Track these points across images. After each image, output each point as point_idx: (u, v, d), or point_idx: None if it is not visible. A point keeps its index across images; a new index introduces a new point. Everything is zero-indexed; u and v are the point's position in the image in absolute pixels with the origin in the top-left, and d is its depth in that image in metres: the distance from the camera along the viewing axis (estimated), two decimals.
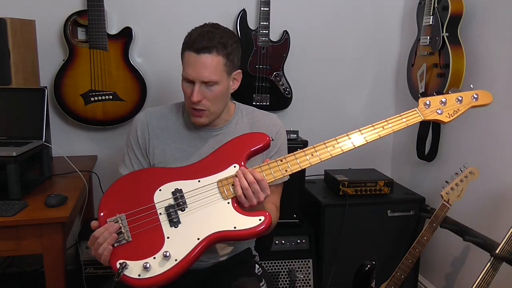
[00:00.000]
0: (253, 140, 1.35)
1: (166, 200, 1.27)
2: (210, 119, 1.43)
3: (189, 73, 1.35)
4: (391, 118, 1.35)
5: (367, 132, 1.33)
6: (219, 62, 1.35)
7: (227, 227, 1.21)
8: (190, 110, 1.42)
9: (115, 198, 1.28)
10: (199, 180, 1.29)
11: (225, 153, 1.33)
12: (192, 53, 1.34)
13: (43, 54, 2.27)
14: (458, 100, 1.38)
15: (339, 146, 1.31)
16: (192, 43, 1.34)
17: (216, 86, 1.37)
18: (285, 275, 2.27)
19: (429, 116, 1.36)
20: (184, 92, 1.40)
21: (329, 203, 2.25)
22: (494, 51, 2.00)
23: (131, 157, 1.50)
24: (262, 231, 1.21)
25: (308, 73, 2.65)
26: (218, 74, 1.36)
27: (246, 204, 1.25)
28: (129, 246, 1.20)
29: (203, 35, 1.34)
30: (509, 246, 1.61)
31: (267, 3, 2.40)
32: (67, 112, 2.31)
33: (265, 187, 1.25)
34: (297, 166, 1.30)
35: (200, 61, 1.33)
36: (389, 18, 2.71)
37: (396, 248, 2.31)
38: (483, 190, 2.04)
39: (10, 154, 1.64)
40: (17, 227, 1.58)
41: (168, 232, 1.22)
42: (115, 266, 1.17)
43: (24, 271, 2.46)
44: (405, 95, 2.53)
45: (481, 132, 2.09)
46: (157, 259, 1.17)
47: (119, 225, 1.21)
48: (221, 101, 1.42)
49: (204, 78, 1.34)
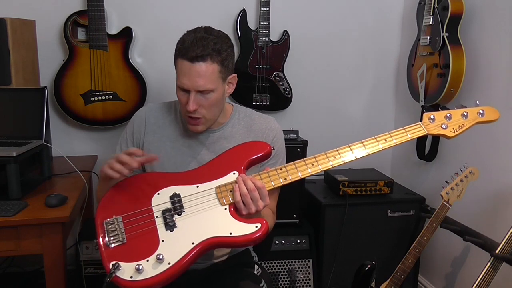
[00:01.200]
0: (254, 148, 1.34)
1: (164, 203, 1.27)
2: (206, 126, 1.43)
3: (184, 83, 1.34)
4: (394, 132, 1.34)
5: (369, 144, 1.32)
6: (214, 70, 1.33)
7: (222, 233, 1.20)
8: (186, 118, 1.42)
9: (113, 200, 1.29)
10: (198, 186, 1.29)
11: (225, 160, 1.33)
12: (186, 62, 1.32)
13: (43, 54, 2.27)
14: (463, 115, 1.35)
15: (340, 157, 1.30)
16: (186, 51, 1.31)
17: (211, 94, 1.35)
18: (285, 275, 2.27)
19: (433, 131, 1.34)
20: (180, 101, 1.40)
21: (329, 203, 2.25)
22: (494, 51, 2.00)
23: (122, 148, 1.50)
24: (258, 238, 1.20)
25: (308, 73, 2.65)
26: (213, 82, 1.34)
27: (244, 211, 1.23)
28: (123, 248, 1.20)
29: (196, 42, 1.31)
30: (509, 246, 1.61)
31: (267, 3, 2.40)
32: (67, 112, 2.31)
33: (265, 195, 1.24)
34: (297, 175, 1.28)
35: (195, 70, 1.31)
36: (389, 18, 2.71)
37: (396, 248, 2.31)
38: (483, 190, 2.04)
39: (10, 154, 1.64)
40: (17, 227, 1.58)
41: (163, 235, 1.21)
42: (108, 267, 1.16)
43: (24, 271, 2.46)
44: (405, 95, 2.53)
45: (481, 132, 2.09)
46: (150, 262, 1.17)
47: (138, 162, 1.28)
48: (216, 107, 1.41)
49: (199, 87, 1.33)
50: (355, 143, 1.31)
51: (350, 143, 1.32)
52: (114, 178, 1.28)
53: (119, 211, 1.25)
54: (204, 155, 1.46)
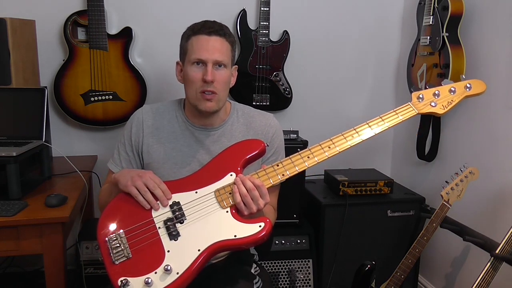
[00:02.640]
0: (249, 147, 1.34)
1: (164, 213, 1.25)
2: (218, 105, 1.43)
3: (202, 54, 1.38)
4: (385, 115, 1.35)
5: (362, 130, 1.33)
6: (228, 47, 1.41)
7: (227, 236, 1.20)
8: (199, 96, 1.40)
9: (113, 216, 1.27)
10: (196, 191, 1.28)
11: (221, 163, 1.32)
12: (203, 36, 1.38)
13: (43, 54, 2.27)
14: (451, 91, 1.38)
15: (335, 146, 1.30)
16: (201, 28, 1.39)
17: (225, 69, 1.41)
18: (285, 275, 2.27)
19: (423, 109, 1.36)
20: (193, 78, 1.39)
21: (329, 203, 2.25)
22: (494, 51, 2.00)
23: (121, 152, 1.50)
24: (263, 237, 1.20)
25: (308, 73, 2.65)
26: (228, 57, 1.41)
27: (246, 211, 1.23)
28: (129, 263, 1.18)
29: (209, 22, 1.41)
30: (509, 246, 1.61)
31: (267, 3, 2.40)
32: (67, 112, 2.31)
33: (265, 193, 1.24)
34: (294, 169, 1.29)
35: (212, 42, 1.38)
36: (389, 18, 2.71)
37: (396, 248, 2.31)
38: (483, 190, 2.04)
39: (10, 154, 1.63)
40: (17, 227, 1.58)
41: (168, 246, 1.20)
42: (117, 285, 1.15)
43: (24, 271, 2.46)
44: (405, 95, 2.53)
45: (481, 132, 2.09)
46: (158, 274, 1.16)
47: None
48: (227, 88, 1.45)
49: (217, 57, 1.38)
50: (348, 131, 1.33)
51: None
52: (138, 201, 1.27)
53: (121, 226, 1.24)
54: (204, 154, 1.45)
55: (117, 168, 1.49)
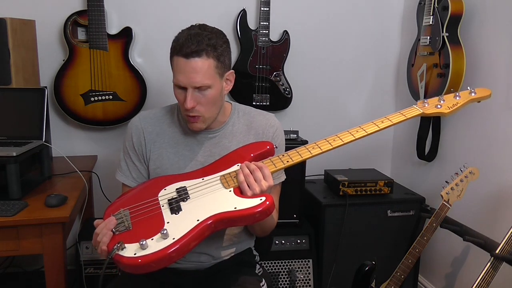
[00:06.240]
0: (258, 146, 1.38)
1: (170, 194, 1.29)
2: (206, 124, 1.41)
3: (180, 80, 1.32)
4: (390, 115, 1.39)
5: (367, 126, 1.36)
6: (210, 65, 1.31)
7: (227, 208, 1.21)
8: (185, 117, 1.41)
9: (121, 200, 1.32)
10: (203, 179, 1.32)
11: (230, 158, 1.36)
12: (181, 58, 1.30)
13: (43, 54, 2.27)
14: (456, 96, 1.42)
15: (339, 138, 1.34)
16: (180, 48, 1.30)
17: (209, 90, 1.34)
18: (285, 275, 2.27)
19: (429, 110, 1.39)
20: (177, 99, 1.38)
21: (329, 203, 2.25)
22: (494, 51, 2.00)
23: (128, 163, 1.49)
24: (263, 210, 1.19)
25: (308, 73, 2.66)
26: (210, 77, 1.32)
27: (249, 192, 1.23)
28: (129, 233, 1.20)
29: (191, 38, 1.29)
30: (509, 246, 1.60)
31: (267, 3, 2.40)
32: (67, 112, 2.31)
33: (268, 175, 1.25)
34: (298, 157, 1.32)
35: (190, 66, 1.29)
36: (389, 18, 2.71)
37: (396, 248, 2.31)
38: (483, 190, 2.04)
39: (10, 154, 1.64)
40: (17, 227, 1.58)
41: (168, 218, 1.22)
42: (111, 248, 1.16)
43: (24, 271, 2.47)
44: (405, 95, 2.53)
45: (481, 132, 2.09)
46: (155, 239, 1.16)
47: (116, 221, 1.22)
48: (215, 105, 1.39)
49: (196, 84, 1.31)
50: (353, 128, 1.36)
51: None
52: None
53: (127, 205, 1.27)
54: (206, 157, 1.45)
55: (128, 180, 1.48)
